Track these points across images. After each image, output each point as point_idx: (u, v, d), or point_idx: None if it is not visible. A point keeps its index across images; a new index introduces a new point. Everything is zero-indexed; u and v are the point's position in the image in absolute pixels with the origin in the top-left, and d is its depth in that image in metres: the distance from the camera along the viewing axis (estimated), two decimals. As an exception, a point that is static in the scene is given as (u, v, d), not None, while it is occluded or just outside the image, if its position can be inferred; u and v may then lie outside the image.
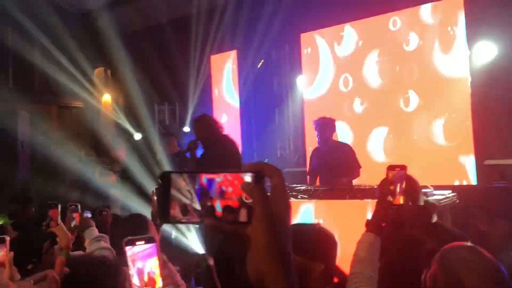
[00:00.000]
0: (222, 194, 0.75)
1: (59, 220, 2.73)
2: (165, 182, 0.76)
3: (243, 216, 0.74)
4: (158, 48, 8.50)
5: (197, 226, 6.66)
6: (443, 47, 5.91)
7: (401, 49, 6.20)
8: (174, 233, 5.83)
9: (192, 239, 6.12)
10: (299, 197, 5.14)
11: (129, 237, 1.23)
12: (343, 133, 6.51)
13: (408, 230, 2.24)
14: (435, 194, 4.47)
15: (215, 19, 7.92)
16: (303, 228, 2.07)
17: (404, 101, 6.15)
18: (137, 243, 1.23)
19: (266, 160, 7.32)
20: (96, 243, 2.70)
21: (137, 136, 9.04)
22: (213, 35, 8.03)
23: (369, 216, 4.43)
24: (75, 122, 9.39)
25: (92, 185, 7.51)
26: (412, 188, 2.71)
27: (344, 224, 3.62)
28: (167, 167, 7.35)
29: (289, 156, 7.92)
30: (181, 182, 0.76)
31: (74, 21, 8.75)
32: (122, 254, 1.25)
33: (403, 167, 1.98)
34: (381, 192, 1.96)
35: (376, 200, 2.73)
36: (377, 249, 1.85)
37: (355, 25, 6.72)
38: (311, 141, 7.01)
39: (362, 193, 4.86)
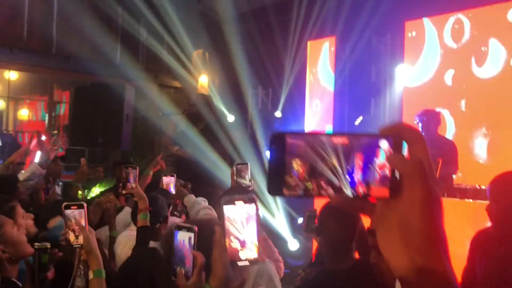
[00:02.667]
0: (365, 167, 0.62)
1: (136, 183, 2.86)
2: (278, 145, 0.61)
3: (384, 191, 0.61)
4: (256, 32, 8.59)
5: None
6: None
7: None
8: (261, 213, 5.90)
9: (280, 221, 6.16)
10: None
11: (228, 196, 1.20)
12: (445, 128, 6.15)
13: None
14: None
15: (315, 4, 7.81)
16: None
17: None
18: (237, 203, 1.17)
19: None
20: (198, 205, 2.86)
21: (230, 118, 9.24)
22: (312, 20, 7.93)
23: (468, 217, 4.13)
24: (172, 100, 9.82)
25: (185, 160, 7.81)
26: None
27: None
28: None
29: (382, 149, 7.65)
30: (304, 148, 0.61)
31: (177, 3, 9.10)
32: (219, 213, 1.22)
33: None
34: None
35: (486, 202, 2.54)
36: None
37: (468, 14, 6.27)
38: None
39: (462, 192, 4.58)
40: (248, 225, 1.18)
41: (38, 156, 6.43)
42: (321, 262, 2.63)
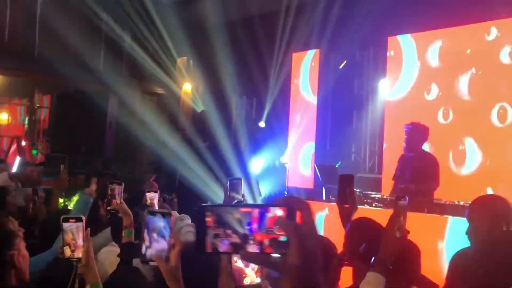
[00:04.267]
0: (269, 230, 0.80)
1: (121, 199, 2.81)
2: (201, 214, 0.80)
3: (279, 248, 0.79)
4: (241, 42, 8.61)
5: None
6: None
7: (497, 60, 5.85)
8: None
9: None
10: (373, 205, 5.02)
11: None
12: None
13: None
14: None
15: (300, 16, 7.89)
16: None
17: (496, 116, 5.78)
18: None
19: (338, 164, 7.22)
20: (180, 222, 2.85)
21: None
22: (297, 33, 8.00)
23: (447, 233, 4.21)
24: (156, 108, 9.78)
25: (166, 169, 7.78)
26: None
27: (419, 239, 3.49)
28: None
29: (363, 161, 7.76)
30: (226, 215, 0.81)
31: (162, 11, 9.08)
32: None
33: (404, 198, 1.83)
34: (391, 226, 1.77)
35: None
36: None
37: (448, 32, 6.42)
38: (389, 148, 6.81)
39: (442, 208, 4.67)
40: None
41: (17, 162, 6.30)
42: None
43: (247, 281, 1.28)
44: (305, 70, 8.32)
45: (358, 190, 5.61)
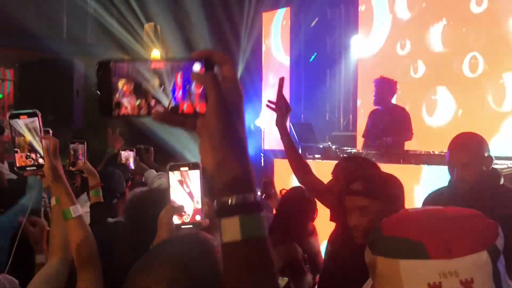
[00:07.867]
0: (183, 87, 0.70)
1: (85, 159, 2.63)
2: (103, 71, 0.68)
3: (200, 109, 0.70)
4: (209, 4, 8.39)
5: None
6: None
7: (468, 10, 5.83)
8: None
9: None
10: (350, 159, 5.04)
11: (173, 163, 1.23)
12: (400, 97, 6.28)
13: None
14: (497, 164, 4.25)
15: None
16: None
17: (468, 66, 5.81)
18: (181, 169, 1.22)
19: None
20: (158, 180, 2.80)
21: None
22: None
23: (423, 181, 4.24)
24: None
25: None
26: None
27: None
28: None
29: (338, 120, 7.77)
30: (128, 71, 0.68)
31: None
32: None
33: None
34: None
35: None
36: None
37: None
38: (363, 105, 6.81)
39: (417, 158, 4.72)
40: (193, 190, 1.23)
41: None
42: (275, 231, 2.65)
43: (186, 219, 1.24)
44: (276, 30, 8.17)
45: (334, 147, 5.62)
